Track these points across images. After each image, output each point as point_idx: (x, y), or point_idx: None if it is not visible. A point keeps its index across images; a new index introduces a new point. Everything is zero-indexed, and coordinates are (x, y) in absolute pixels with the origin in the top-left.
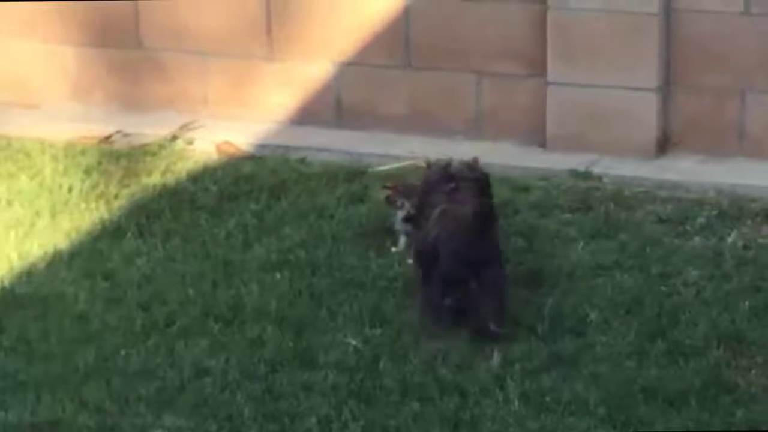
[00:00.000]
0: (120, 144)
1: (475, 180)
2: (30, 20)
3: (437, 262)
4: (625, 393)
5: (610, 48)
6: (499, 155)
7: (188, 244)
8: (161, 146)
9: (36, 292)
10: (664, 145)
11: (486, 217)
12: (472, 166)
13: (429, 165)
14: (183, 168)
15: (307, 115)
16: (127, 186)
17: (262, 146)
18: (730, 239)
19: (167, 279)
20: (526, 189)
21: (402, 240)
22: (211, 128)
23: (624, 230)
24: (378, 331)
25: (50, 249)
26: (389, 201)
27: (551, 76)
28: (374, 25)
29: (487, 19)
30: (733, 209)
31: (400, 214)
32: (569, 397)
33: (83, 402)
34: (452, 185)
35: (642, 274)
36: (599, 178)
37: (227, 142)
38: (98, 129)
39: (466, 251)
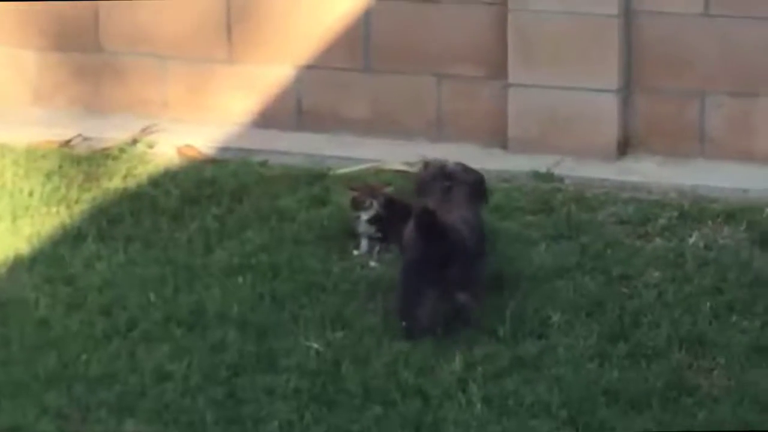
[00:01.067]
0: (81, 148)
1: (471, 182)
2: None
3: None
4: (587, 395)
5: (570, 50)
6: (461, 157)
7: (149, 249)
8: (122, 150)
9: None
10: (624, 147)
11: (429, 223)
12: (468, 168)
13: (426, 164)
14: (144, 172)
15: (267, 119)
16: (88, 190)
17: (223, 149)
18: (691, 240)
19: (128, 284)
20: None
21: (364, 243)
22: (172, 132)
23: (585, 232)
24: (340, 335)
25: (11, 254)
26: (356, 202)
27: (512, 78)
28: (334, 28)
29: (448, 21)
30: (694, 211)
31: (365, 215)
32: (531, 399)
33: (45, 408)
34: (447, 184)
35: (603, 276)
36: (561, 179)
37: (188, 146)
38: (59, 133)
39: (417, 258)
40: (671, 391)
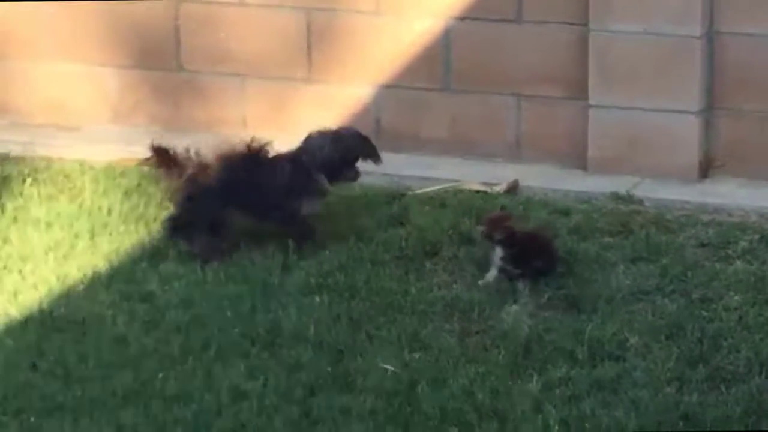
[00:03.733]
0: None
1: None
2: (70, 42)
3: None
4: (666, 419)
5: (652, 71)
6: (540, 178)
7: (227, 267)
8: None
9: (74, 315)
10: (706, 169)
11: None
12: None
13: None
14: None
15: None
16: (167, 208)
17: None
18: None
19: (205, 302)
20: (566, 212)
21: (493, 272)
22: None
23: (665, 254)
24: (417, 356)
25: (89, 271)
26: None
27: (592, 98)
28: (414, 48)
29: (528, 42)
30: None
31: (499, 250)
32: (609, 423)
33: (120, 426)
34: None
35: (683, 299)
36: (640, 201)
37: None
38: (138, 151)
39: None
40: (751, 416)
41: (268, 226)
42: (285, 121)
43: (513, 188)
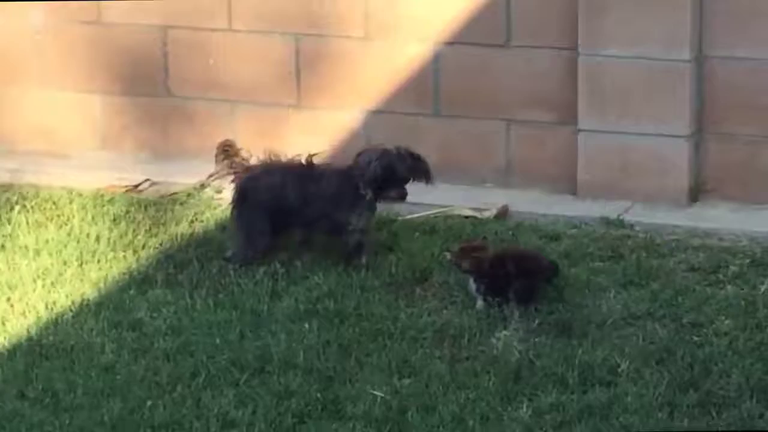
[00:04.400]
0: (148, 193)
1: None
2: (59, 69)
3: None
4: None
5: (641, 95)
6: (530, 203)
7: (216, 294)
8: (189, 195)
9: (62, 343)
10: (696, 193)
11: None
12: None
13: None
14: (211, 217)
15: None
16: (155, 235)
17: None
18: (763, 288)
19: (194, 329)
20: (556, 237)
21: (480, 302)
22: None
23: (656, 279)
24: (406, 382)
25: (77, 299)
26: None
27: (582, 123)
28: (403, 73)
29: (517, 66)
30: (767, 258)
31: (471, 280)
32: None
33: None
34: None
35: (674, 324)
36: (631, 226)
37: None
38: (126, 178)
39: None
40: None
41: (316, 236)
42: (275, 148)
43: (503, 214)
